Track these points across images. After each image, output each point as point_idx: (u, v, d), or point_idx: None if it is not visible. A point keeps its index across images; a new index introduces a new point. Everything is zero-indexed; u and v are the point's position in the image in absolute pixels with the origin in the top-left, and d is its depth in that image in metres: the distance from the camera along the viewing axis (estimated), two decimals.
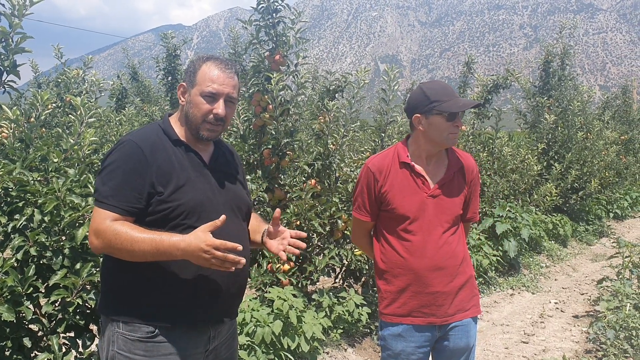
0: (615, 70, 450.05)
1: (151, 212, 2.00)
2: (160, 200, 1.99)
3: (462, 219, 2.69)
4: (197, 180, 2.08)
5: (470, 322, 2.63)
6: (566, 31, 10.98)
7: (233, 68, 2.14)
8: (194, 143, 2.15)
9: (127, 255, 1.92)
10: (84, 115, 3.42)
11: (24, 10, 3.19)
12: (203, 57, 2.15)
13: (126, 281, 2.03)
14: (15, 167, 2.89)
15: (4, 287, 2.52)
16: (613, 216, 12.62)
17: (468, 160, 2.70)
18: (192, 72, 2.12)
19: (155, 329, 2.00)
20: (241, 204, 2.24)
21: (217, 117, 2.08)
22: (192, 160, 2.12)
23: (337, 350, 4.69)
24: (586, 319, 6.07)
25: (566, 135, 10.61)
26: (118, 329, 2.02)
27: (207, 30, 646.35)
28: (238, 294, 2.21)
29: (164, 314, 2.01)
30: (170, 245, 1.86)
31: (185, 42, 11.64)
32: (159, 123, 2.19)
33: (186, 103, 2.13)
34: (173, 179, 2.02)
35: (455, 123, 2.50)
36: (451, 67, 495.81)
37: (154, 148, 2.04)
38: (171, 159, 2.06)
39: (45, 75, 10.09)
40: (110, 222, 1.93)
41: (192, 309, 2.03)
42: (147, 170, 1.99)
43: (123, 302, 2.04)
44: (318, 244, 5.21)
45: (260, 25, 4.87)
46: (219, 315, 2.14)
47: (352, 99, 5.24)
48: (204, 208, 2.05)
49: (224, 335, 2.22)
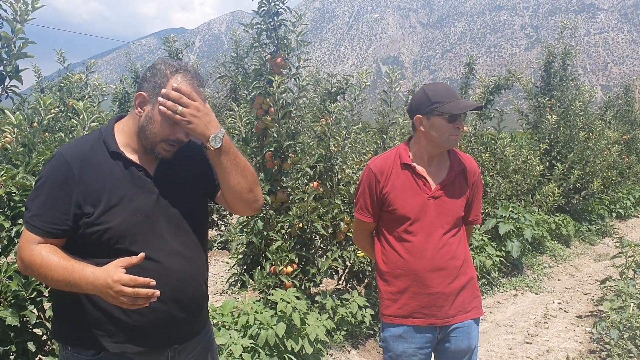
0: (617, 70, 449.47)
1: (81, 236, 1.82)
2: (88, 222, 1.81)
3: (464, 221, 2.69)
4: (134, 198, 1.87)
5: (471, 323, 2.62)
6: (567, 31, 10.98)
7: (200, 80, 1.91)
8: (141, 155, 1.93)
9: (44, 281, 1.82)
10: (86, 119, 3.43)
11: (25, 15, 3.20)
12: (172, 66, 1.88)
13: (71, 308, 1.90)
14: (19, 171, 2.91)
15: (8, 292, 2.53)
16: (616, 216, 12.60)
17: (470, 162, 2.69)
18: (158, 84, 1.86)
19: (99, 351, 1.88)
20: (190, 217, 2.01)
21: (177, 141, 1.90)
22: (132, 174, 1.90)
23: (340, 352, 4.69)
24: (590, 319, 6.06)
25: (568, 135, 10.59)
26: (66, 350, 1.94)
27: (209, 34, 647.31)
28: (188, 317, 1.99)
29: (105, 342, 1.87)
30: (80, 277, 1.72)
31: (188, 45, 11.66)
32: (102, 129, 1.97)
33: (144, 116, 1.88)
34: (103, 198, 1.82)
35: (457, 125, 2.50)
36: (453, 68, 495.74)
37: (84, 163, 1.85)
38: (104, 175, 1.85)
39: (48, 80, 10.13)
40: (34, 245, 1.80)
41: (135, 338, 1.88)
42: (74, 189, 1.81)
43: (69, 327, 1.93)
44: (321, 246, 5.21)
45: (262, 28, 4.88)
46: (167, 342, 1.95)
47: (353, 101, 5.24)
48: (140, 230, 1.85)
49: (189, 353, 2.05)
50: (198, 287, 2.02)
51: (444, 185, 2.57)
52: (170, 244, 1.92)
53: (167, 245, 1.91)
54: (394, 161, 2.64)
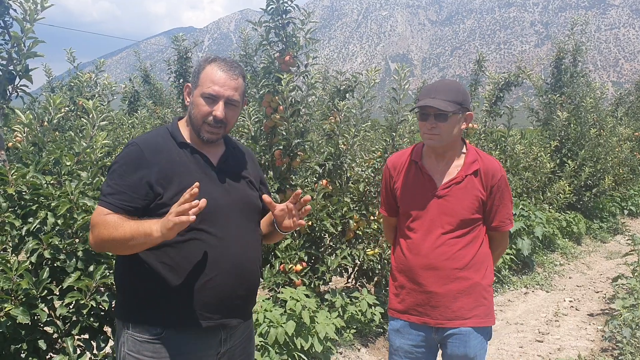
0: (628, 66, 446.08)
1: (156, 217, 1.95)
2: (161, 204, 1.98)
3: (487, 227, 2.60)
4: (202, 182, 2.00)
5: (470, 331, 2.52)
6: (578, 27, 10.92)
7: (237, 70, 2.11)
8: (200, 145, 2.13)
9: (111, 243, 1.92)
10: (96, 118, 3.44)
11: (35, 15, 3.22)
12: (209, 58, 2.13)
13: (135, 284, 2.04)
14: (29, 170, 2.91)
15: (19, 290, 2.54)
16: (628, 213, 12.51)
17: (490, 164, 2.55)
18: (197, 73, 2.10)
19: (162, 330, 2.00)
20: (250, 205, 2.20)
21: (216, 120, 2.06)
22: (198, 162, 2.10)
23: (350, 350, 4.69)
24: (601, 317, 6.02)
25: (579, 132, 10.53)
26: (128, 330, 2.04)
27: (218, 33, 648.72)
28: (247, 295, 2.16)
29: (171, 317, 2.00)
30: (149, 224, 1.84)
31: (197, 44, 11.69)
32: (168, 126, 2.19)
33: (190, 104, 2.13)
34: (174, 181, 2.00)
35: (429, 124, 2.43)
36: (462, 65, 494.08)
37: (157, 149, 2.05)
38: (174, 161, 2.05)
39: (59, 79, 10.18)
40: (104, 215, 1.95)
41: (198, 312, 2.01)
42: (147, 172, 1.99)
43: (132, 304, 2.05)
44: (330, 244, 5.21)
45: (270, 26, 4.88)
46: (227, 318, 2.10)
47: (362, 98, 5.22)
48: (209, 209, 1.95)
49: (237, 337, 2.19)
50: (255, 269, 2.17)
51: (449, 185, 2.51)
52: (233, 226, 2.09)
53: (231, 227, 2.07)
54: (408, 157, 2.64)
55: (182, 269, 1.98)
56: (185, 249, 1.99)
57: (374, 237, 5.27)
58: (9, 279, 2.53)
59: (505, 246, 2.78)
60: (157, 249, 1.96)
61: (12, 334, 2.61)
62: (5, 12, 3.24)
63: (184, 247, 1.99)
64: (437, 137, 2.45)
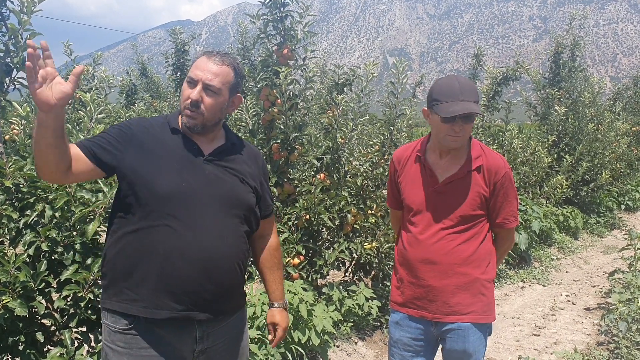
0: (626, 61, 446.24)
1: (125, 195, 2.00)
2: (138, 180, 1.98)
3: (491, 223, 2.59)
4: (185, 167, 2.04)
5: (468, 327, 2.52)
6: (576, 22, 10.91)
7: (225, 59, 2.09)
8: (198, 136, 2.11)
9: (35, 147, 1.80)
10: (93, 111, 3.43)
11: (32, 7, 3.21)
12: (205, 50, 2.15)
13: (108, 271, 2.04)
14: (26, 163, 2.91)
15: (16, 283, 2.54)
16: (624, 208, 12.53)
17: (494, 161, 2.52)
18: (191, 63, 2.13)
19: (132, 321, 1.98)
20: (235, 201, 2.12)
21: (192, 103, 2.02)
22: (188, 148, 2.08)
23: (347, 344, 4.70)
24: (598, 311, 6.04)
25: (577, 127, 10.53)
26: (104, 320, 2.04)
27: (216, 26, 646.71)
28: (218, 291, 2.06)
29: (136, 306, 1.97)
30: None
31: (194, 37, 11.65)
32: (168, 114, 2.20)
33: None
34: (151, 158, 2.01)
35: (453, 127, 2.38)
36: (460, 59, 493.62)
37: (146, 127, 2.09)
38: (158, 139, 2.07)
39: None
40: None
41: (163, 300, 1.97)
42: (127, 139, 2.02)
43: (107, 291, 2.04)
44: (328, 238, 5.21)
45: (268, 19, 4.86)
46: (192, 311, 2.01)
47: (360, 92, 5.22)
48: (185, 197, 1.99)
49: (220, 337, 2.13)
50: (230, 267, 2.08)
51: (451, 181, 2.50)
52: (210, 218, 2.02)
53: (206, 218, 2.01)
54: (412, 151, 2.64)
55: (149, 254, 1.96)
56: (154, 235, 1.96)
57: (371, 230, 5.27)
58: (6, 271, 2.54)
59: (511, 244, 2.72)
60: (131, 233, 1.98)
61: (9, 326, 2.61)
62: (2, 4, 3.22)
63: (154, 232, 1.96)
64: (461, 138, 2.43)
